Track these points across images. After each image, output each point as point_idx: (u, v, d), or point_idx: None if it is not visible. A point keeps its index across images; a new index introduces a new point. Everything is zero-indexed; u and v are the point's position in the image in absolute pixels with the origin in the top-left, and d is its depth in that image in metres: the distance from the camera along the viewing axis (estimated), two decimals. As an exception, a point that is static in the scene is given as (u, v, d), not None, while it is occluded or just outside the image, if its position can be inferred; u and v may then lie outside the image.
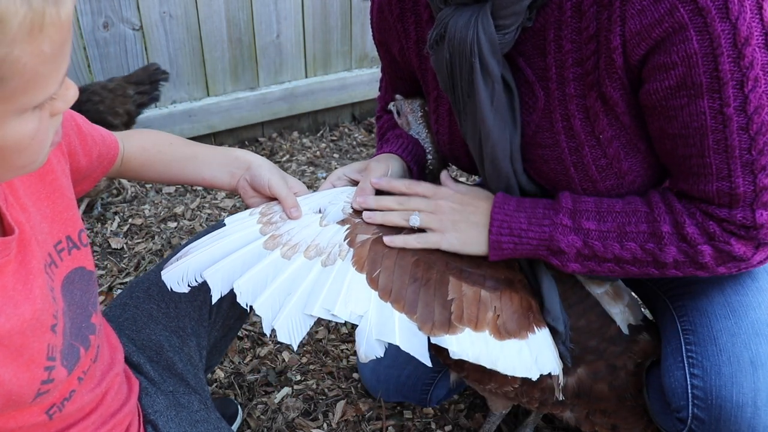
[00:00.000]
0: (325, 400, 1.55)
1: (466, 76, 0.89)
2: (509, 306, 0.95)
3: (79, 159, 0.91)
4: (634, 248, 0.90)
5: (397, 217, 0.96)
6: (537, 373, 0.93)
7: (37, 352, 0.71)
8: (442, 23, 0.89)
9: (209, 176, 1.05)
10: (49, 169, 0.81)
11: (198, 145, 1.09)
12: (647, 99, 0.83)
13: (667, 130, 0.84)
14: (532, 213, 0.93)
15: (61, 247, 0.80)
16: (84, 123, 0.93)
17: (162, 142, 1.08)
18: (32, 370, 0.71)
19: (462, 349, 0.87)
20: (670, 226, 0.88)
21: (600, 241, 0.91)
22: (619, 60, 0.82)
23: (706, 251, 0.86)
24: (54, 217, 0.80)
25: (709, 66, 0.76)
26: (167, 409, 0.98)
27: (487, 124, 0.91)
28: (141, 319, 1.05)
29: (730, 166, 0.80)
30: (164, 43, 2.38)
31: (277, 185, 0.98)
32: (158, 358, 1.03)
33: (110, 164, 1.00)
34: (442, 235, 0.96)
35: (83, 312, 0.82)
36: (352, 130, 3.00)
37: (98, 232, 2.16)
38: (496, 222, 0.94)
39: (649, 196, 0.91)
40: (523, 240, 0.94)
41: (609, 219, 0.91)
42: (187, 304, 1.09)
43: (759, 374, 0.85)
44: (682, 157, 0.85)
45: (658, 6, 0.76)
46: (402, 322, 0.86)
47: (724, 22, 0.73)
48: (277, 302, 0.84)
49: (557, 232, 0.92)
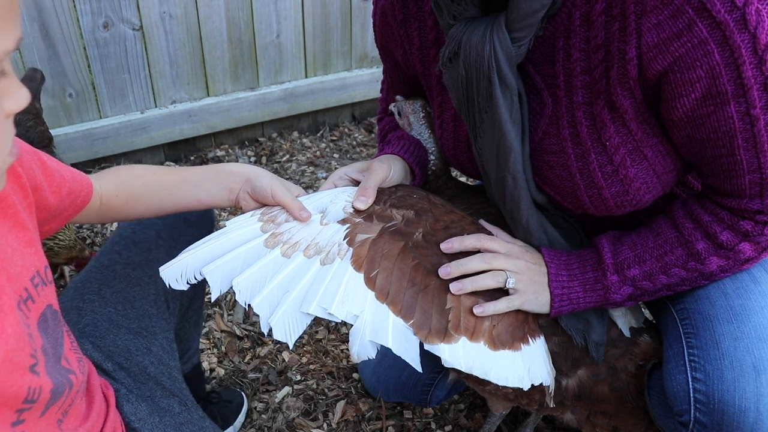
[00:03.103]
0: (325, 400, 1.55)
1: (484, 92, 0.89)
2: (506, 317, 0.96)
3: (47, 195, 0.86)
4: (679, 272, 0.94)
5: (490, 280, 0.95)
6: (528, 384, 0.95)
7: (12, 397, 0.67)
8: (454, 40, 0.89)
9: (206, 197, 1.01)
10: (9, 203, 0.76)
11: (184, 169, 1.05)
12: (673, 113, 0.84)
13: (695, 136, 0.85)
14: (584, 279, 0.98)
15: (37, 281, 0.77)
16: (49, 159, 0.88)
17: (144, 174, 1.03)
18: (3, 414, 0.67)
19: (455, 359, 0.88)
20: (704, 241, 0.91)
21: (647, 280, 0.96)
22: (634, 71, 0.82)
23: (745, 248, 0.90)
24: (24, 250, 0.76)
25: (733, 74, 0.77)
26: (150, 416, 0.96)
27: (508, 138, 0.91)
28: (102, 324, 1.00)
29: (760, 159, 0.82)
30: (164, 43, 2.38)
31: (281, 192, 0.96)
32: (128, 364, 0.99)
33: (84, 202, 0.95)
34: (525, 296, 0.97)
35: (54, 354, 0.78)
36: (352, 130, 3.00)
37: (98, 232, 2.16)
38: (557, 297, 0.98)
39: (674, 216, 0.95)
40: (581, 305, 0.99)
41: (647, 257, 0.95)
42: (142, 301, 1.05)
43: (762, 379, 0.85)
44: (711, 157, 0.86)
45: (675, 21, 0.77)
46: (396, 326, 0.86)
47: (743, 32, 0.74)
48: (275, 300, 0.84)
49: (610, 293, 0.97)
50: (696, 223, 0.92)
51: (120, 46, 2.30)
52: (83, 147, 2.32)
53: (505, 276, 0.96)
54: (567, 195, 0.97)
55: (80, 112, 2.33)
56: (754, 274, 0.95)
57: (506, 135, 0.91)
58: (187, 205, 1.02)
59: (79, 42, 2.21)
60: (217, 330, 1.75)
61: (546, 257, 1.00)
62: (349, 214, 0.95)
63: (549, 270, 0.99)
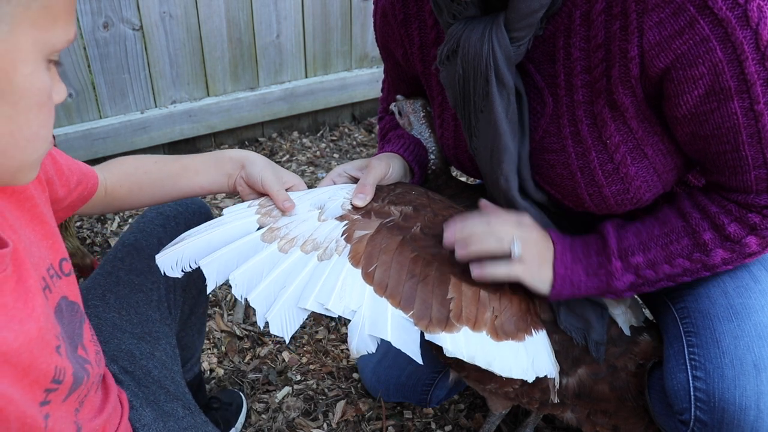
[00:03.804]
0: (325, 400, 1.55)
1: (481, 90, 0.89)
2: (508, 307, 0.95)
3: (57, 189, 0.89)
4: (683, 262, 0.93)
5: (495, 242, 0.92)
6: (533, 376, 0.93)
7: (42, 375, 0.69)
8: (453, 38, 0.89)
9: (207, 183, 1.03)
10: (27, 196, 0.79)
11: (185, 157, 1.07)
12: (677, 110, 0.83)
13: (699, 133, 0.85)
14: (588, 263, 0.96)
15: (52, 273, 0.79)
16: (57, 153, 0.92)
17: (146, 163, 1.05)
18: (34, 392, 0.69)
19: (457, 348, 0.87)
20: (711, 231, 0.90)
21: (650, 269, 0.94)
22: (635, 70, 0.82)
23: (751, 242, 0.89)
24: (40, 243, 0.79)
25: (735, 70, 0.77)
26: (155, 422, 0.96)
27: (503, 138, 0.91)
28: (106, 329, 1.02)
29: (765, 154, 0.82)
30: (164, 43, 2.38)
31: (269, 180, 0.97)
32: (133, 368, 1.00)
33: (90, 193, 0.97)
34: (527, 266, 0.94)
35: (71, 343, 0.80)
36: (352, 130, 3.00)
37: (98, 232, 2.16)
38: (559, 277, 0.96)
39: (681, 206, 0.93)
40: (582, 290, 0.97)
41: (652, 246, 0.94)
42: (146, 306, 1.06)
43: (762, 377, 0.85)
44: (716, 154, 0.86)
45: (677, 19, 0.77)
46: (395, 318, 0.85)
47: (745, 29, 0.74)
48: (272, 295, 0.84)
49: (613, 279, 0.95)
50: (703, 213, 0.91)
51: (120, 46, 2.30)
52: (83, 147, 2.32)
53: (512, 238, 0.93)
54: (567, 193, 0.97)
55: (80, 112, 2.33)
56: (754, 272, 0.95)
57: (502, 135, 0.91)
58: (189, 192, 1.04)
59: (79, 42, 2.21)
60: (217, 330, 1.75)
61: (553, 236, 0.98)
62: (347, 211, 0.94)
63: (555, 248, 0.97)
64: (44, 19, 0.57)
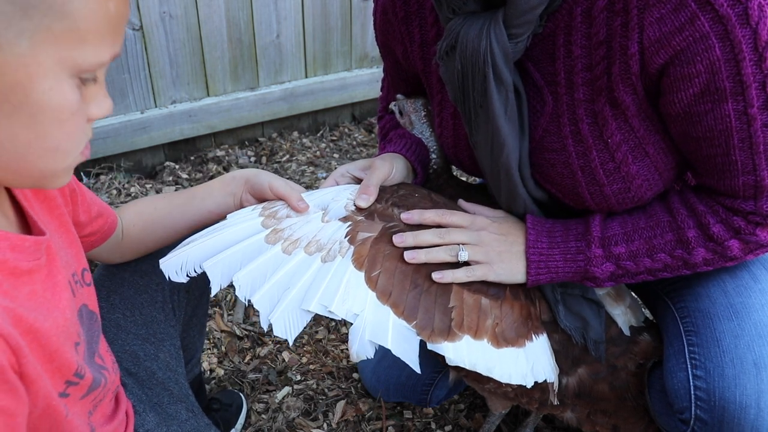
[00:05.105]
0: (325, 400, 1.55)
1: (479, 87, 0.89)
2: (509, 314, 0.96)
3: (79, 212, 0.90)
4: (664, 258, 0.93)
5: (443, 253, 0.94)
6: (532, 381, 0.95)
7: (65, 366, 0.70)
8: (452, 33, 0.89)
9: (214, 206, 1.04)
10: (56, 204, 0.81)
11: (190, 189, 1.09)
12: (671, 108, 0.84)
13: (691, 134, 0.85)
14: (566, 248, 0.96)
15: (77, 279, 0.80)
16: (75, 182, 0.93)
17: (154, 199, 1.09)
18: (56, 379, 0.69)
19: (459, 357, 0.88)
20: (695, 229, 0.90)
21: (631, 260, 0.94)
22: (636, 67, 0.82)
23: (734, 245, 0.89)
24: (67, 249, 0.80)
25: (732, 71, 0.76)
26: (158, 426, 0.96)
27: (501, 133, 0.91)
28: (110, 330, 1.02)
29: (755, 160, 0.82)
30: (164, 43, 2.38)
31: (279, 185, 0.98)
32: (137, 369, 1.01)
33: (111, 229, 0.99)
34: (489, 267, 0.96)
35: (89, 348, 0.81)
36: (352, 130, 3.00)
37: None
38: (533, 264, 0.96)
39: (670, 201, 0.94)
40: (560, 275, 0.97)
41: (636, 237, 0.94)
42: (150, 308, 1.07)
43: (762, 376, 0.86)
44: (706, 157, 0.86)
45: (677, 15, 0.77)
46: (396, 326, 0.86)
47: (745, 27, 0.74)
48: (276, 297, 0.84)
49: (591, 264, 0.95)
50: (690, 211, 0.91)
51: (120, 46, 2.30)
52: (83, 147, 2.32)
53: (458, 249, 0.95)
54: (568, 192, 0.97)
55: (80, 112, 2.32)
56: (753, 272, 0.95)
57: (500, 130, 0.91)
58: (199, 218, 1.05)
59: (79, 42, 2.21)
60: (217, 330, 1.75)
61: (528, 223, 0.98)
62: (351, 212, 0.95)
63: (528, 237, 0.97)
64: (69, 39, 0.57)
